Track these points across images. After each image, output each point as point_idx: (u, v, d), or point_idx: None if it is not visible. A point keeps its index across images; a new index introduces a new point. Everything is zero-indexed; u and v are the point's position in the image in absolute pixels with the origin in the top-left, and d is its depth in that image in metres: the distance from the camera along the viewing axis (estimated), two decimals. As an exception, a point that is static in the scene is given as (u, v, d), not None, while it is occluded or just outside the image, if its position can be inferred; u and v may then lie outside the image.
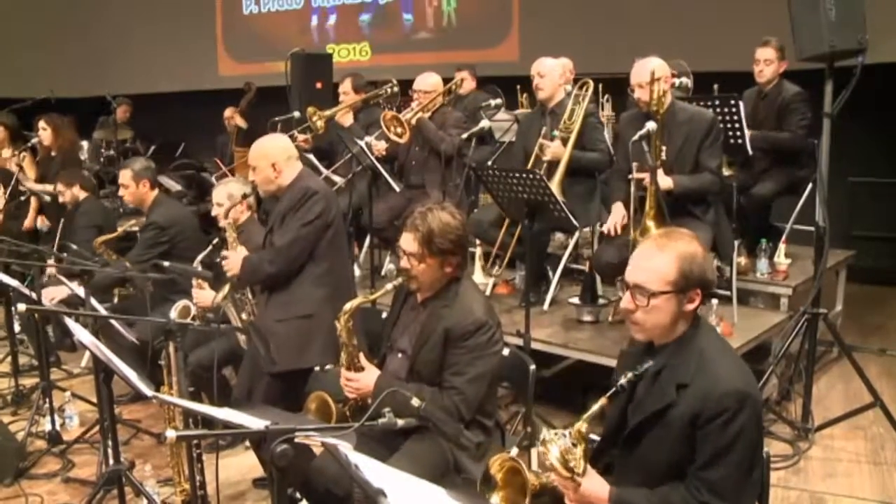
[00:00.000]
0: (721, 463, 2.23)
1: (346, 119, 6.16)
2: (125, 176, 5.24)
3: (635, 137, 4.24)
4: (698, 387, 2.28)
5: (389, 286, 3.14)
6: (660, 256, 2.35)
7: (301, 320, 3.79)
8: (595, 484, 2.33)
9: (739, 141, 5.23)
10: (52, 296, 4.91)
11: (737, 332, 4.66)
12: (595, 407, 2.34)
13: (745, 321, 4.88)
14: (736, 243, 4.94)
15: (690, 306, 2.37)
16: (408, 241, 3.04)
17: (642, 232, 4.19)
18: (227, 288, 4.00)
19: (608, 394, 2.37)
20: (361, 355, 3.16)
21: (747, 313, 5.04)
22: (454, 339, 2.97)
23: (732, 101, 5.18)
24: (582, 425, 2.31)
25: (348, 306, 3.12)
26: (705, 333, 2.41)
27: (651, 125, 4.25)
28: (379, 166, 5.40)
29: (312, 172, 4.02)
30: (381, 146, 5.76)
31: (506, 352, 3.24)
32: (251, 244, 4.09)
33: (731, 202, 4.98)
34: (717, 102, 5.20)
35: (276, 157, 3.84)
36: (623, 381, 2.37)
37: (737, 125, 5.22)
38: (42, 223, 6.84)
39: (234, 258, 3.92)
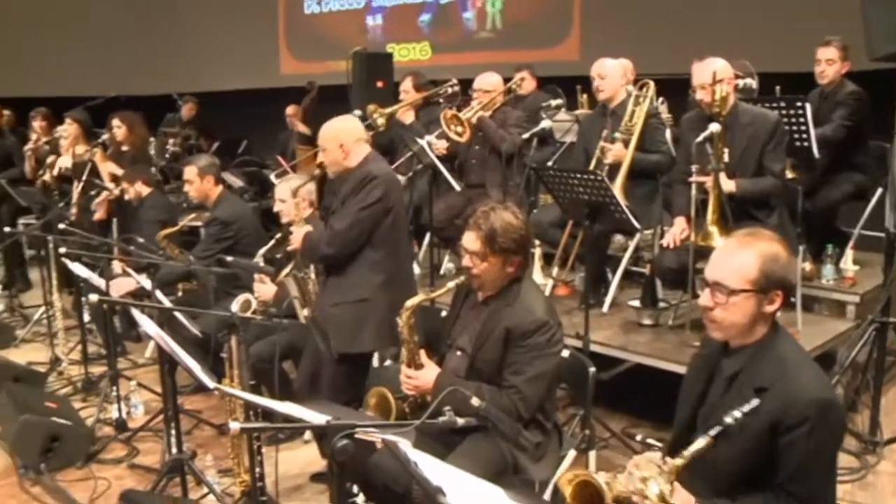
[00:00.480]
0: (810, 475, 2.18)
1: (407, 117, 6.20)
2: (191, 172, 5.34)
3: (699, 139, 4.18)
4: (780, 393, 2.21)
5: (451, 284, 3.15)
6: (742, 254, 2.31)
7: (356, 304, 3.84)
8: (682, 499, 2.26)
9: (805, 144, 5.12)
10: (120, 288, 5.02)
11: (801, 340, 4.56)
12: (700, 444, 2.25)
13: (810, 328, 4.77)
14: (800, 248, 4.85)
15: (770, 308, 2.32)
16: (470, 240, 3.05)
17: (704, 237, 4.12)
18: (290, 266, 4.07)
19: (713, 433, 2.27)
20: (422, 352, 3.17)
21: (812, 320, 4.94)
22: (515, 339, 2.97)
23: (799, 103, 5.07)
24: (682, 462, 2.24)
25: (410, 303, 3.15)
26: (785, 339, 2.36)
27: (715, 127, 4.18)
28: (439, 164, 5.42)
29: (379, 156, 4.03)
30: (441, 145, 5.77)
31: (565, 353, 3.22)
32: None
33: (795, 206, 4.88)
34: (782, 104, 5.10)
35: (344, 138, 3.88)
36: (730, 420, 2.25)
37: (803, 127, 5.10)
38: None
39: (297, 232, 4.01)
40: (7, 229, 6.49)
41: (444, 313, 3.49)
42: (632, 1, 8.59)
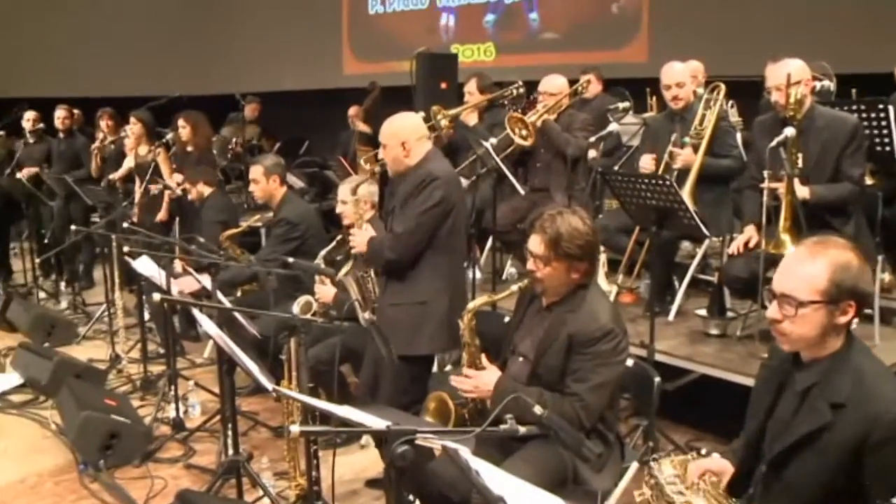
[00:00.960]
0: None
1: (471, 119, 6.21)
2: (256, 171, 5.42)
3: (773, 144, 4.09)
4: (861, 408, 2.14)
5: (514, 287, 3.15)
6: (811, 264, 2.24)
7: (415, 306, 3.87)
8: None
9: (887, 148, 4.98)
10: (182, 288, 5.11)
11: (879, 354, 4.43)
12: None
13: (889, 342, 4.64)
14: (879, 258, 4.72)
15: (843, 319, 2.24)
16: (535, 243, 3.05)
17: (776, 245, 4.04)
18: (349, 265, 4.11)
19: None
20: (483, 356, 3.18)
21: (891, 334, 4.80)
22: (578, 345, 2.95)
23: (881, 106, 4.93)
24: None
25: (472, 305, 3.17)
26: (861, 351, 2.28)
27: (790, 131, 4.09)
28: (504, 168, 5.41)
29: (440, 154, 4.04)
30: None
31: (629, 362, 3.20)
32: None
33: (874, 214, 4.75)
34: (862, 107, 4.98)
35: (406, 135, 3.88)
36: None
37: (885, 131, 4.97)
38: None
39: (360, 236, 4.03)
40: (73, 228, 6.64)
41: (507, 319, 3.48)
42: (701, 0, 8.48)
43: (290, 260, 4.20)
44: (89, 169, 8.16)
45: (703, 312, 4.90)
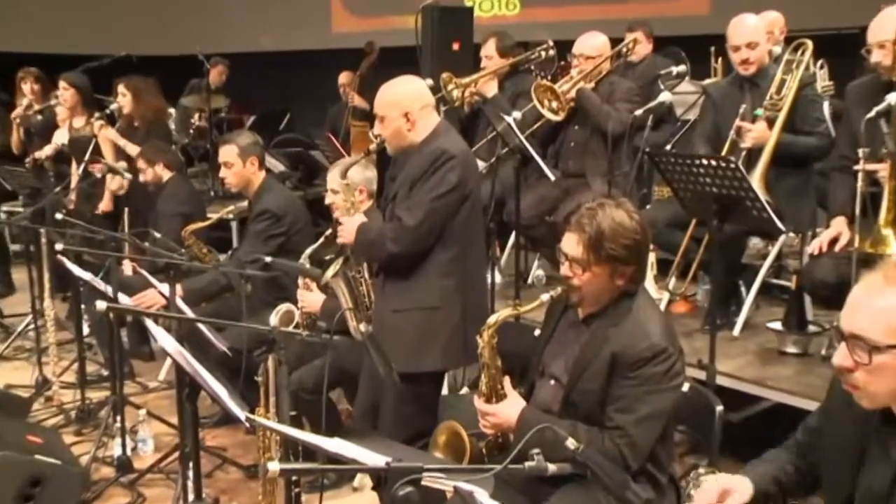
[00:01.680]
0: None
1: (490, 88, 6.22)
2: (229, 152, 5.38)
3: (871, 114, 4.07)
4: None
5: (545, 297, 3.14)
6: (890, 295, 2.10)
7: (423, 312, 3.90)
8: None
9: None
10: (143, 300, 5.05)
11: None
12: None
13: None
14: None
15: None
16: (571, 243, 3.06)
17: (874, 243, 3.99)
18: (339, 263, 4.14)
19: None
20: (506, 380, 3.19)
21: None
22: (623, 367, 2.96)
23: None
24: None
25: (493, 319, 3.18)
26: None
27: (894, 98, 4.08)
28: (530, 148, 5.43)
29: (451, 128, 4.07)
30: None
31: (685, 388, 3.20)
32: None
33: None
34: None
35: (409, 105, 3.91)
36: None
37: None
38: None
39: (348, 223, 4.06)
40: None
41: (536, 332, 3.50)
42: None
43: (269, 260, 4.23)
44: (7, 143, 8.08)
45: (777, 326, 4.91)
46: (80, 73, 7.60)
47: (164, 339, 3.69)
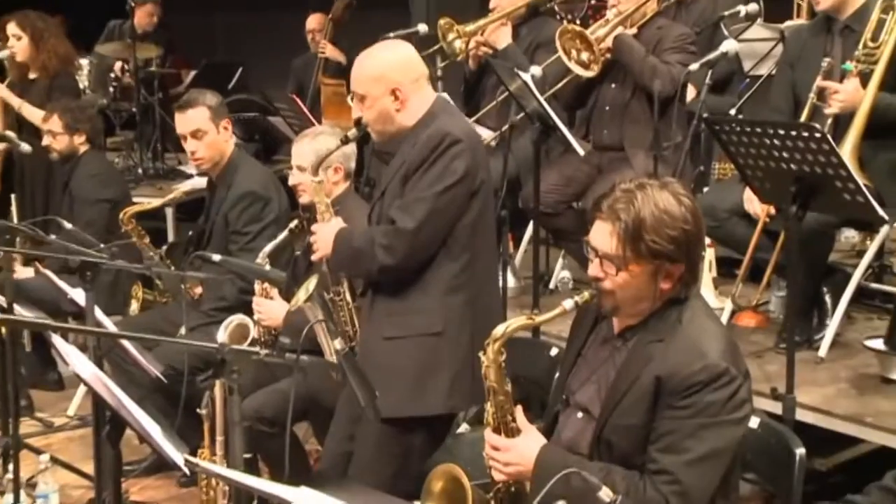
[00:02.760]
0: None
1: (502, 37, 6.26)
2: (198, 117, 5.34)
3: None
4: None
5: (568, 304, 3.13)
6: None
7: (423, 340, 3.90)
8: None
9: None
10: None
11: None
12: None
13: None
14: None
15: None
16: (602, 235, 3.06)
17: None
18: (313, 281, 4.10)
19: None
20: (518, 410, 3.20)
21: None
22: (671, 395, 2.96)
23: None
24: None
25: (501, 329, 3.15)
26: None
27: None
28: (552, 113, 5.43)
29: (449, 103, 4.10)
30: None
31: (753, 423, 3.23)
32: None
33: None
34: None
35: (397, 78, 3.91)
36: None
37: None
38: None
39: (324, 232, 4.07)
40: None
41: (554, 351, 3.53)
42: None
43: (216, 258, 4.26)
44: None
45: (878, 344, 4.84)
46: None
47: (76, 360, 3.60)
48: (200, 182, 5.53)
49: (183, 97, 5.63)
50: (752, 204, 4.85)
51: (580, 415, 3.22)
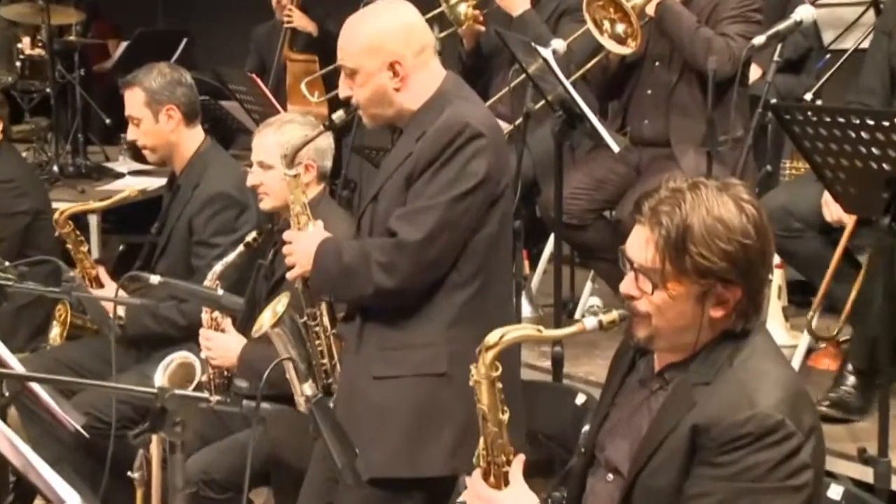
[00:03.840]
0: None
1: (517, 3, 6.33)
2: (132, 100, 5.47)
3: None
4: None
5: (590, 322, 3.09)
6: None
7: (422, 382, 3.92)
8: None
9: None
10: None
11: None
12: None
13: None
14: None
15: None
16: (638, 242, 3.07)
17: None
18: (283, 300, 4.10)
19: None
20: (517, 461, 3.16)
21: None
22: (708, 448, 2.96)
23: None
24: None
25: (496, 335, 3.09)
26: None
27: None
28: (579, 99, 5.48)
29: (465, 86, 4.10)
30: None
31: (835, 492, 3.24)
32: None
33: None
34: None
35: (397, 49, 3.92)
36: None
37: None
38: None
39: (302, 242, 4.08)
40: None
41: (581, 399, 3.56)
42: None
43: (155, 279, 4.29)
44: None
45: None
46: None
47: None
48: (157, 181, 5.56)
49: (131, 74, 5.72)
50: (829, 208, 4.88)
51: (610, 477, 3.24)
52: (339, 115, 4.04)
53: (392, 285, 3.83)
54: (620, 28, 5.74)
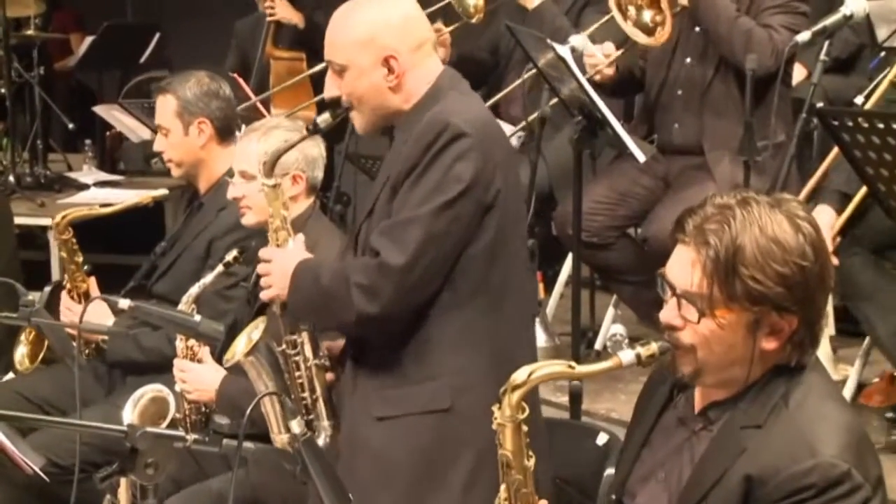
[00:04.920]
0: None
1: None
2: (164, 109, 5.53)
3: None
4: None
5: (626, 356, 3.04)
6: None
7: (425, 420, 3.91)
8: None
9: None
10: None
11: None
12: None
13: None
14: None
15: None
16: (681, 265, 3.06)
17: None
18: (259, 326, 4.08)
19: None
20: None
21: None
22: (766, 503, 2.98)
23: None
24: None
25: (524, 373, 3.04)
26: None
27: None
28: (600, 103, 5.49)
29: (459, 79, 4.07)
30: (600, 59, 5.83)
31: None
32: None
33: None
34: None
35: (392, 43, 3.92)
36: None
37: None
38: None
39: (281, 262, 4.06)
40: None
41: (603, 438, 3.55)
42: None
43: (124, 303, 4.30)
44: None
45: None
46: None
47: None
48: (159, 191, 5.59)
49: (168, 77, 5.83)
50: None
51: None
52: (324, 119, 4.01)
53: (375, 311, 3.81)
54: (648, 15, 5.73)
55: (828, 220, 4.54)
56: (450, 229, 3.80)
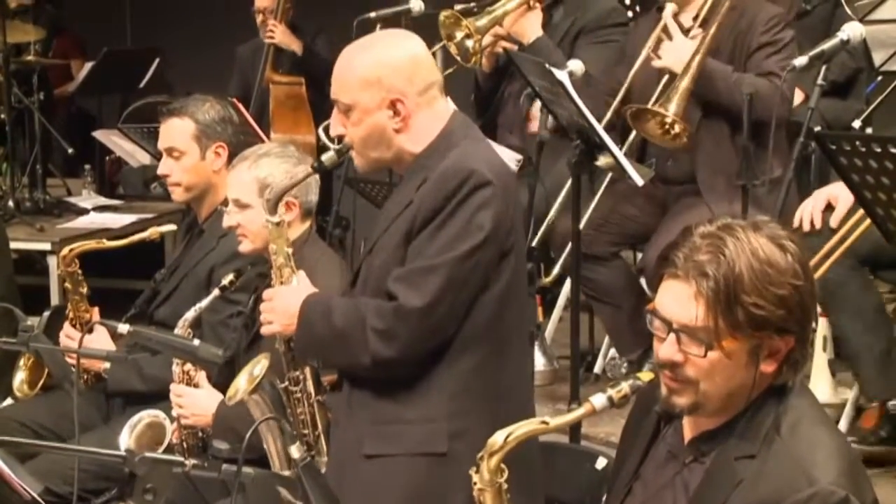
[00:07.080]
0: None
1: (530, 27, 6.36)
2: (180, 131, 5.48)
3: None
4: None
5: (598, 400, 3.05)
6: None
7: (419, 463, 3.88)
8: None
9: None
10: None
11: None
12: None
13: None
14: None
15: None
16: (678, 300, 3.01)
17: None
18: (261, 363, 4.05)
19: None
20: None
21: None
22: None
23: None
24: None
25: (500, 437, 3.04)
26: None
27: None
28: (599, 127, 5.48)
29: (473, 126, 4.09)
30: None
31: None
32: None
33: None
34: None
35: (399, 85, 3.90)
36: None
37: None
38: None
39: (285, 299, 4.05)
40: None
41: (602, 463, 3.53)
42: None
43: (124, 329, 4.28)
44: None
45: None
46: None
47: None
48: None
49: (176, 101, 5.74)
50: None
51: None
52: (329, 157, 4.00)
53: (391, 355, 3.79)
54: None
55: (848, 194, 4.55)
56: (470, 277, 3.81)
